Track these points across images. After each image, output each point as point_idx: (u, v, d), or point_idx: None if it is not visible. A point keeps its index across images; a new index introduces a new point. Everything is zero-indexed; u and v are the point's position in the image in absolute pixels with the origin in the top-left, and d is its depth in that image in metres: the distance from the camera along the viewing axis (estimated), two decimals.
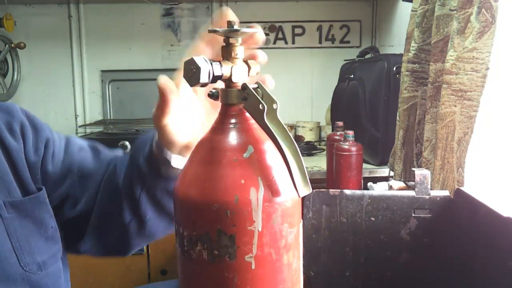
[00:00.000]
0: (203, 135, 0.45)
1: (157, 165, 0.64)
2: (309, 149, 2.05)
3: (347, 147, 1.44)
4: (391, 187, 1.45)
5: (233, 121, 0.43)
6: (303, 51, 2.46)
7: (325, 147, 1.78)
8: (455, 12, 1.13)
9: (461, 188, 0.78)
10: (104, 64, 2.44)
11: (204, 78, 0.42)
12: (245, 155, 0.41)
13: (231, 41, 0.44)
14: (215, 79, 0.43)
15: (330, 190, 0.79)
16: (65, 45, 2.41)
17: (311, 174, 1.72)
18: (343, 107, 1.95)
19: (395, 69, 1.65)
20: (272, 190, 0.40)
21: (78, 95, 2.45)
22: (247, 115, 0.43)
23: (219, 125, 0.44)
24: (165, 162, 0.62)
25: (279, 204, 0.41)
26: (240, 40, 0.45)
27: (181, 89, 0.58)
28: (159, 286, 1.33)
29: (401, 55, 1.49)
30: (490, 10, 1.05)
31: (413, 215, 0.78)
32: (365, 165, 1.63)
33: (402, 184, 1.45)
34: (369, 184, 1.54)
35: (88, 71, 2.44)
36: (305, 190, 0.41)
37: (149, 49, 2.43)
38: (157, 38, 2.43)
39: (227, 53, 0.45)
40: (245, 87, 0.43)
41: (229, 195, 0.40)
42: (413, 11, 1.38)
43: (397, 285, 0.80)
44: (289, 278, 0.43)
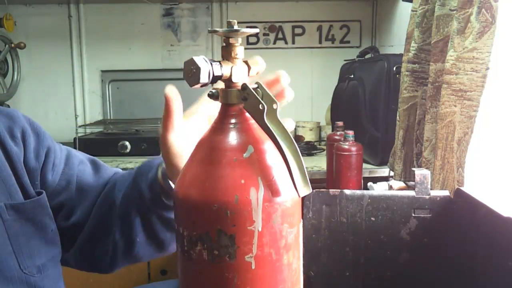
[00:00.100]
0: (203, 135, 0.45)
1: (159, 193, 0.65)
2: (309, 149, 2.05)
3: (347, 147, 1.44)
4: (391, 187, 1.45)
5: (233, 121, 0.43)
6: (303, 51, 2.46)
7: (325, 147, 1.78)
8: (455, 12, 1.13)
9: (461, 188, 0.78)
10: (104, 64, 2.44)
11: (204, 78, 0.42)
12: (245, 155, 0.41)
13: (231, 41, 0.44)
14: (215, 79, 0.43)
15: (330, 190, 0.79)
16: (65, 45, 2.41)
17: (311, 174, 1.72)
18: (343, 107, 1.95)
19: (395, 69, 1.65)
20: (272, 190, 0.40)
21: (78, 95, 2.45)
22: (247, 115, 0.43)
23: (219, 125, 0.44)
24: (168, 190, 0.63)
25: (279, 204, 0.41)
26: (240, 40, 0.45)
27: (194, 115, 0.59)
28: (159, 286, 1.33)
29: (401, 55, 1.49)
30: (490, 10, 1.05)
31: (413, 215, 0.78)
32: (365, 165, 1.62)
33: (402, 184, 1.45)
34: (369, 184, 1.54)
35: (88, 71, 2.44)
36: (305, 190, 0.41)
37: (149, 49, 2.43)
38: (157, 38, 2.43)
39: (227, 53, 0.45)
40: (245, 87, 0.43)
41: (229, 195, 0.40)
42: (413, 11, 1.38)
43: (397, 285, 0.80)
44: (289, 278, 0.43)
